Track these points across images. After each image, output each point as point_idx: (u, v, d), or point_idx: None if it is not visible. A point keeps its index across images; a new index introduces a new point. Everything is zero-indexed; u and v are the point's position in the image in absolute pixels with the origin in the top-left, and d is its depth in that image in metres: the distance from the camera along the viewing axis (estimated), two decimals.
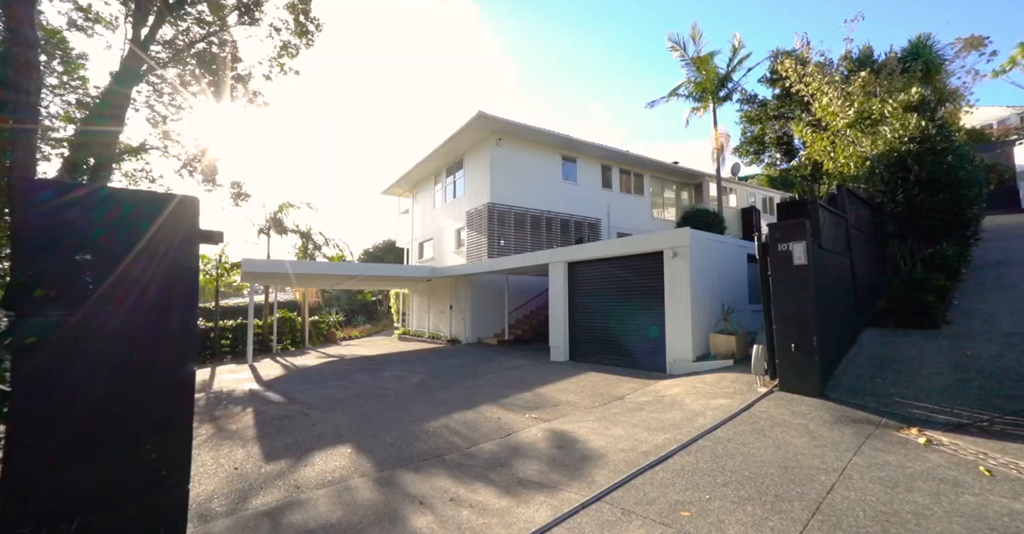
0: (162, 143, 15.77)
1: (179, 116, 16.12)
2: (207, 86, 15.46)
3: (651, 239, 8.39)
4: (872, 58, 12.87)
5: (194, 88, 15.85)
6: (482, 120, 14.40)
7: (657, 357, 8.23)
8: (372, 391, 8.36)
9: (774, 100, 15.06)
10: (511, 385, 8.19)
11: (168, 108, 15.90)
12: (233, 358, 15.00)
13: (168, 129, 16.00)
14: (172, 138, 16.22)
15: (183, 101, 16.07)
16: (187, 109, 16.08)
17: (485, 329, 15.83)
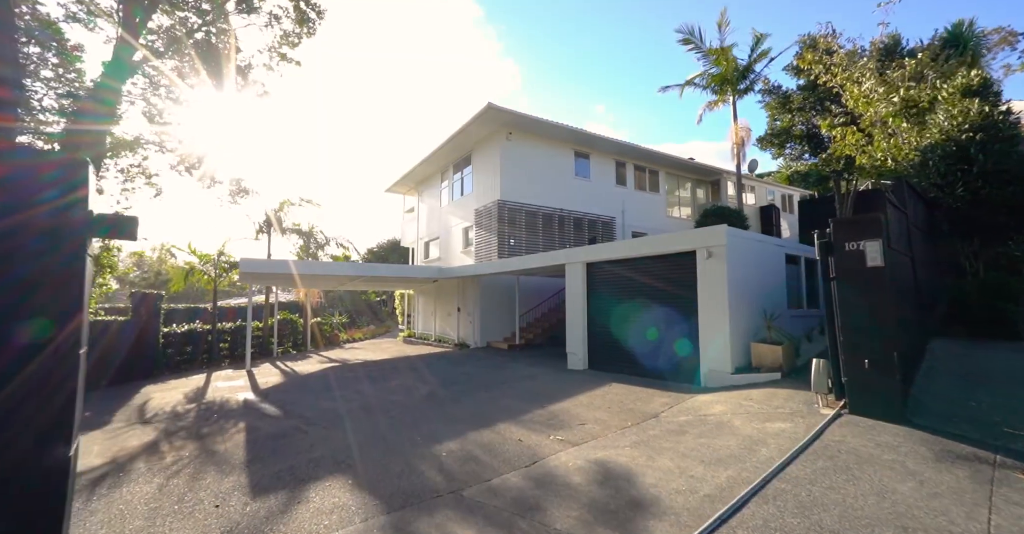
0: (158, 137, 15.16)
1: (177, 110, 15.50)
2: (206, 77, 14.80)
3: (682, 238, 7.64)
4: (900, 46, 12.06)
5: (192, 80, 15.20)
6: (492, 113, 13.67)
7: (689, 368, 7.48)
8: (377, 403, 7.66)
9: (799, 91, 14.26)
10: (529, 398, 7.47)
11: (165, 101, 15.28)
12: (232, 362, 14.36)
13: (166, 122, 15.39)
14: (169, 132, 15.61)
15: (181, 94, 15.43)
16: (185, 103, 15.45)
17: (495, 332, 15.12)
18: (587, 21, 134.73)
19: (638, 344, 8.54)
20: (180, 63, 14.91)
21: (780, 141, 15.31)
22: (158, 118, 15.12)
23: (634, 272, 8.67)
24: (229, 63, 15.14)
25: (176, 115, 15.33)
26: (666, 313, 8.01)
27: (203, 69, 14.54)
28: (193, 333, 14.09)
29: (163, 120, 15.15)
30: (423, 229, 20.76)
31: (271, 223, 17.74)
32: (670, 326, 7.93)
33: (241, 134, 29.81)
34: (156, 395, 9.35)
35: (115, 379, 11.08)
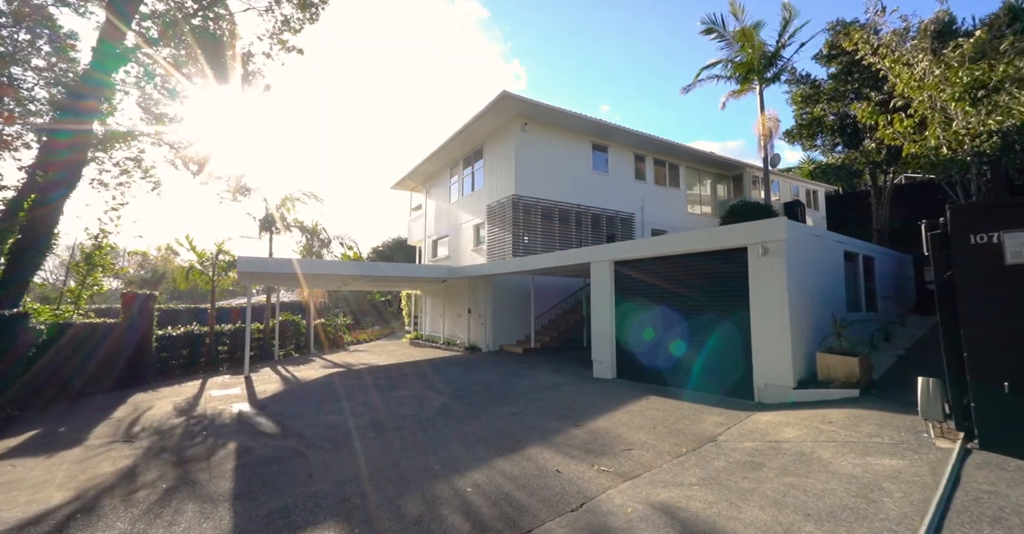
0: (154, 129, 14.40)
1: (173, 101, 14.72)
2: (204, 65, 14.00)
3: (731, 232, 6.73)
4: (955, 25, 11.10)
5: (189, 70, 14.42)
6: (507, 101, 12.80)
7: (739, 380, 6.58)
8: (386, 418, 6.82)
9: (831, 79, 13.29)
10: (558, 414, 6.60)
11: (161, 91, 14.51)
12: (230, 366, 13.58)
13: (162, 113, 14.63)
14: (166, 124, 14.85)
15: (177, 84, 14.65)
16: (182, 94, 14.67)
17: (507, 335, 14.26)
18: (592, 20, 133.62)
19: (676, 352, 7.65)
20: (177, 52, 14.15)
21: (810, 133, 14.35)
22: (154, 109, 14.38)
23: (671, 271, 7.77)
24: (227, 51, 14.36)
25: (173, 107, 14.58)
26: (709, 317, 7.12)
27: (200, 57, 13.77)
28: (190, 335, 13.31)
29: (159, 111, 14.41)
30: (431, 227, 19.93)
31: (273, 221, 16.96)
32: (714, 332, 7.03)
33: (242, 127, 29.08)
34: (144, 405, 8.55)
35: (102, 387, 10.30)
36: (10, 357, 8.45)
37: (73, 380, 9.80)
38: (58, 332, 9.75)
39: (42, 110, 13.41)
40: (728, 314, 6.84)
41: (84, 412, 8.31)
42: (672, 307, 7.77)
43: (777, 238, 6.01)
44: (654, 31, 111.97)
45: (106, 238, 12.68)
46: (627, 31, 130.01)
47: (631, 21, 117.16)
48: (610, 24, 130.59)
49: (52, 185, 9.82)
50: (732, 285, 6.77)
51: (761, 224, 6.35)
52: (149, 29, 13.80)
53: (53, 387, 9.50)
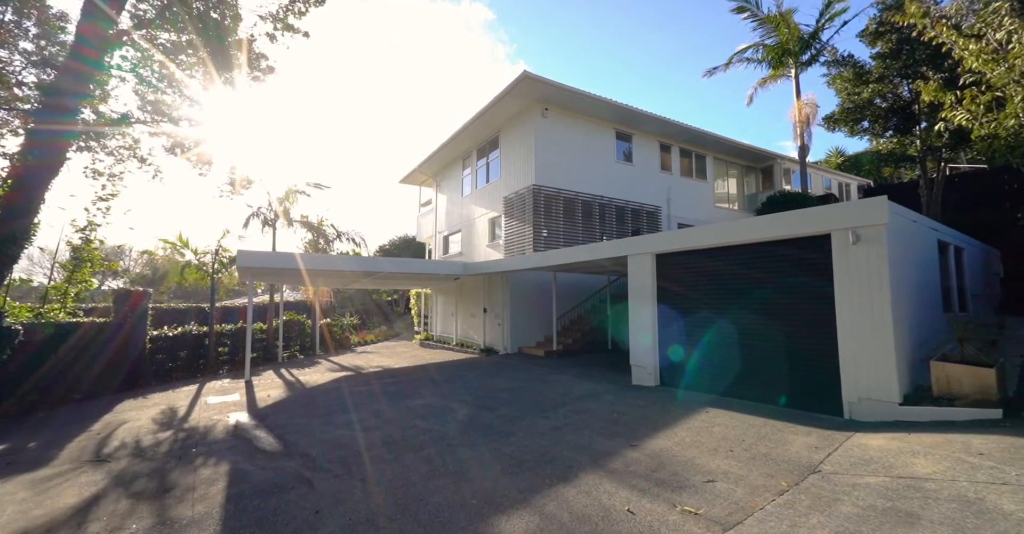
0: (150, 116, 13.53)
1: (172, 87, 13.83)
2: (202, 48, 13.11)
3: (808, 217, 5.71)
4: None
5: (187, 54, 13.53)
6: (527, 83, 11.83)
7: (819, 392, 5.57)
8: (403, 433, 5.86)
9: (879, 59, 12.25)
10: (606, 430, 5.62)
11: (156, 75, 13.63)
12: (231, 369, 12.69)
13: (160, 100, 13.74)
14: (162, 111, 13.97)
15: (175, 69, 13.75)
16: (181, 79, 13.79)
17: (526, 337, 13.29)
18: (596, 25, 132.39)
19: (733, 357, 6.64)
20: (177, 37, 13.28)
21: (855, 118, 13.29)
22: (151, 95, 13.51)
23: (727, 264, 6.76)
24: (229, 35, 13.48)
25: (172, 94, 13.73)
26: (777, 317, 6.11)
27: (200, 41, 12.89)
28: (188, 336, 12.44)
29: (157, 98, 13.54)
30: (442, 222, 18.98)
31: (277, 215, 16.07)
32: (783, 335, 6.02)
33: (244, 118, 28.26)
34: (129, 415, 7.64)
35: (89, 392, 9.42)
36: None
37: (56, 385, 8.92)
38: (38, 332, 8.87)
39: (30, 95, 12.57)
40: (802, 314, 5.83)
41: (62, 422, 7.41)
42: (728, 305, 6.77)
43: (875, 222, 4.99)
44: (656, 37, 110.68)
45: (94, 231, 11.81)
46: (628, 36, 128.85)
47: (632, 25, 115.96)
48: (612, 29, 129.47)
49: (31, 170, 8.94)
50: (808, 279, 5.76)
51: (852, 206, 5.32)
52: (147, 13, 12.95)
53: (33, 393, 8.63)
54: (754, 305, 6.40)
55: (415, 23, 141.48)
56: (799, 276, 5.87)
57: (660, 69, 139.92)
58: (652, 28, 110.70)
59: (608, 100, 13.09)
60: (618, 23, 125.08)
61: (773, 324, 6.17)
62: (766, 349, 6.25)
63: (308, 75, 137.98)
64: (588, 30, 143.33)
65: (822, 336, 5.56)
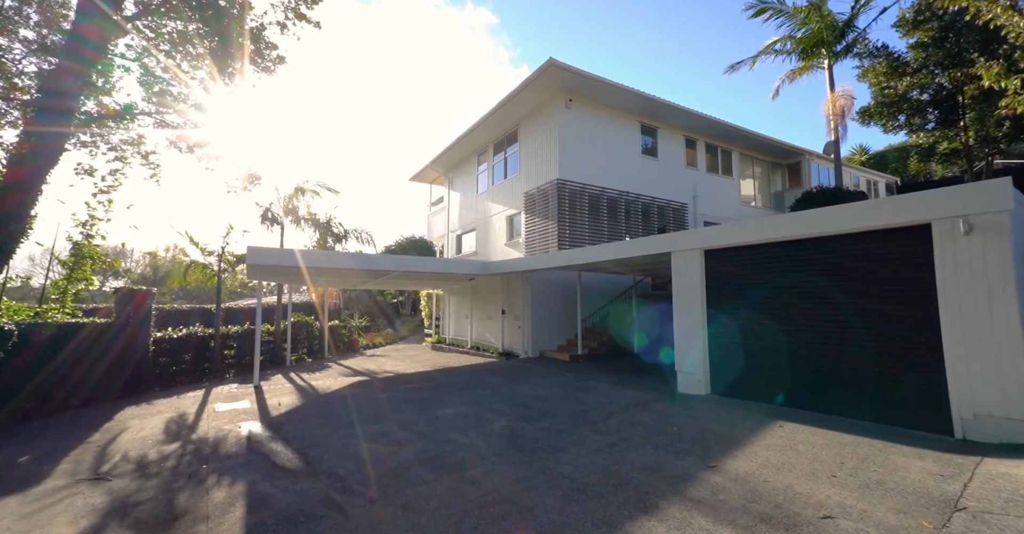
0: (155, 107, 12.94)
1: (176, 77, 13.24)
2: (209, 37, 12.53)
3: (902, 204, 5.00)
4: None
5: (193, 44, 12.94)
6: (553, 72, 11.22)
7: (921, 405, 4.88)
8: (438, 448, 5.21)
9: (919, 48, 11.64)
10: (670, 446, 4.96)
11: (162, 66, 13.06)
12: (237, 373, 12.05)
13: (165, 91, 13.15)
14: (168, 102, 13.38)
15: (181, 59, 13.16)
16: (185, 70, 13.21)
17: (548, 340, 12.63)
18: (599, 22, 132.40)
19: (805, 364, 5.98)
20: (184, 26, 12.72)
21: (892, 111, 12.68)
22: (156, 85, 12.93)
23: (793, 260, 6.11)
24: (237, 25, 12.90)
25: (178, 85, 13.15)
26: (862, 319, 5.43)
27: (206, 29, 12.32)
28: (192, 338, 11.81)
29: (163, 89, 12.96)
30: (454, 221, 18.36)
31: (285, 212, 15.48)
32: (872, 339, 5.34)
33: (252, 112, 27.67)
34: (133, 424, 7.00)
35: (88, 398, 8.77)
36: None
37: (53, 391, 8.28)
38: (35, 334, 8.24)
39: (30, 85, 12.00)
40: (893, 315, 5.16)
41: (59, 432, 6.77)
42: (796, 306, 6.11)
43: (994, 209, 4.33)
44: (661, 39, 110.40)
45: (96, 225, 11.20)
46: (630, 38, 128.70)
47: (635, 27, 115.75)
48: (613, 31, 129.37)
49: (28, 161, 8.34)
50: (901, 275, 5.10)
51: (961, 190, 4.65)
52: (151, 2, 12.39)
53: (29, 400, 7.99)
54: (829, 305, 5.73)
55: (420, 26, 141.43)
56: (889, 272, 5.20)
57: (665, 72, 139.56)
58: (655, 30, 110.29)
59: (635, 90, 12.47)
60: (620, 26, 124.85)
61: (855, 327, 5.50)
62: (845, 355, 5.58)
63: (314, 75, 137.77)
64: (590, 34, 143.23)
65: (921, 341, 4.90)
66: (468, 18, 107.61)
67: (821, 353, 5.81)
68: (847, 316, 5.57)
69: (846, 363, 5.56)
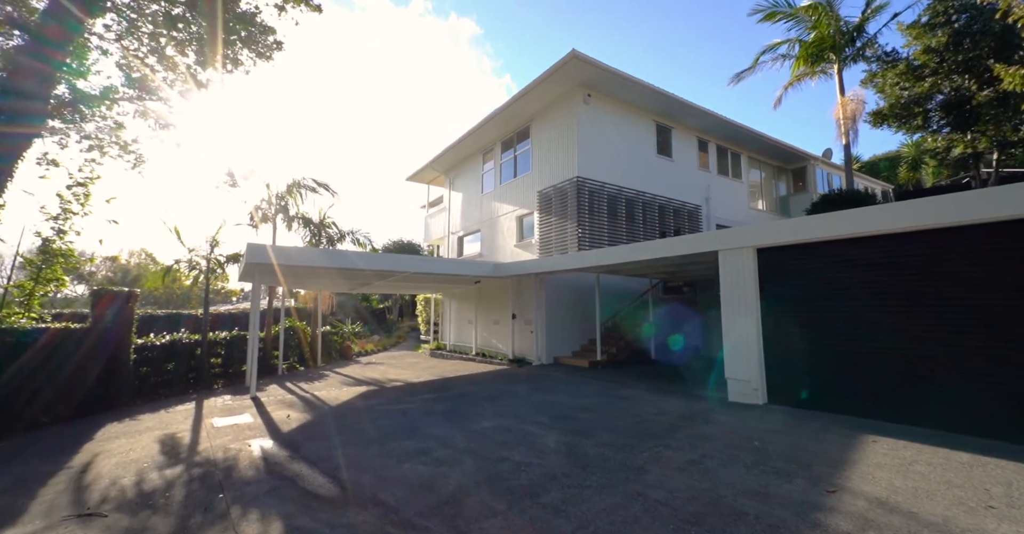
0: (136, 93, 11.89)
1: (163, 62, 12.22)
2: (199, 19, 11.61)
3: None
4: None
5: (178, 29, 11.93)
6: (574, 64, 10.74)
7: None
8: (495, 469, 4.51)
9: (930, 53, 11.70)
10: (763, 465, 4.40)
11: (146, 48, 12.03)
12: (226, 383, 11.04)
13: (148, 76, 12.12)
14: (151, 88, 12.33)
15: (167, 44, 12.14)
16: (174, 55, 12.21)
17: (562, 346, 12.03)
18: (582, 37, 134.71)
19: (886, 372, 5.52)
20: (168, 6, 11.75)
21: (906, 115, 12.70)
22: (138, 71, 11.88)
23: (878, 257, 5.65)
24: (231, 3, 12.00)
25: (163, 71, 12.13)
26: (966, 321, 4.99)
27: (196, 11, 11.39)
28: (176, 345, 10.75)
29: (146, 74, 11.92)
30: (455, 222, 17.64)
31: (278, 210, 14.50)
32: (981, 342, 4.91)
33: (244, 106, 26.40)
34: (119, 444, 6.05)
35: (61, 414, 7.71)
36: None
37: (19, 406, 7.21)
38: None
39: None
40: (1015, 316, 4.69)
41: (29, 455, 5.78)
42: (873, 309, 5.66)
43: None
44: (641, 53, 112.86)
45: (70, 219, 10.09)
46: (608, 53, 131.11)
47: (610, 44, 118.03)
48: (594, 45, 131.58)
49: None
50: None
51: None
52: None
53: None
54: (922, 308, 5.26)
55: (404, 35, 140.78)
56: (1011, 268, 4.72)
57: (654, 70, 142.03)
58: (637, 44, 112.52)
59: (655, 87, 12.11)
60: (601, 39, 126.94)
61: (956, 330, 5.02)
62: (940, 360, 5.12)
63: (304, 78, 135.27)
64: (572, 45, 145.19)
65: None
66: (452, 28, 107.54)
67: (910, 360, 5.34)
68: (947, 319, 5.11)
69: (941, 370, 5.11)
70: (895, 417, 5.39)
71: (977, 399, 4.85)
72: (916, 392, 5.26)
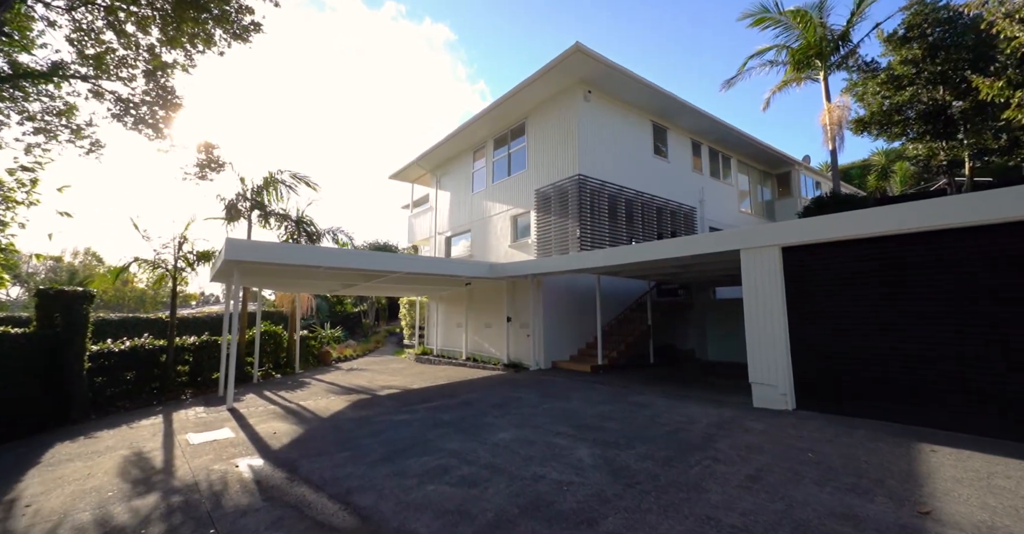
0: (91, 70, 10.71)
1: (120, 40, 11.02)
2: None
3: None
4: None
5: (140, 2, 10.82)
6: (577, 58, 10.38)
7: None
8: (533, 490, 3.97)
9: (907, 64, 12.06)
10: (831, 480, 4.03)
11: (99, 23, 10.84)
12: (195, 393, 10.01)
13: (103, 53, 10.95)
14: (109, 69, 11.17)
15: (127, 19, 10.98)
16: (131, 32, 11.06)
17: (560, 350, 11.58)
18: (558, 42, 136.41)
19: (929, 377, 5.30)
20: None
21: (887, 123, 13.05)
22: (93, 48, 10.69)
23: (925, 256, 5.42)
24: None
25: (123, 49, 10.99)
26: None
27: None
28: (138, 352, 9.66)
29: (102, 51, 10.75)
30: (442, 222, 16.97)
31: (253, 206, 13.48)
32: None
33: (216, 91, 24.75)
34: (72, 469, 5.15)
35: (3, 432, 6.63)
36: None
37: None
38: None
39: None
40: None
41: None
42: (916, 309, 5.45)
43: None
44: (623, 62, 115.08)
45: (13, 211, 8.93)
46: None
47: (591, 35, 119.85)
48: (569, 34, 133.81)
49: None
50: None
51: None
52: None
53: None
54: (977, 308, 5.04)
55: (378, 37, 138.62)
56: None
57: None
58: (613, 54, 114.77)
59: (655, 86, 11.91)
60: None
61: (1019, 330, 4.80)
62: (998, 365, 4.88)
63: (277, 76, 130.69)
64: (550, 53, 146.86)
65: None
66: (426, 33, 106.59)
67: (956, 364, 5.12)
68: (1000, 321, 4.88)
69: (991, 375, 4.90)
70: (938, 423, 5.16)
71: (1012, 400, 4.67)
72: (964, 398, 5.05)
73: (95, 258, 48.29)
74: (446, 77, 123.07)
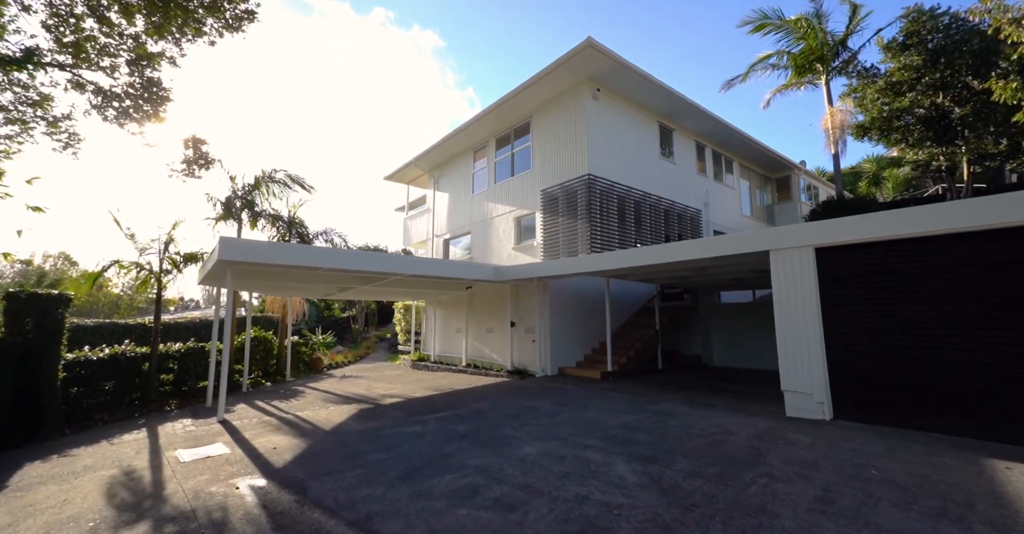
0: (70, 58, 10.03)
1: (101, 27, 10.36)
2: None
3: None
4: None
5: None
6: (587, 54, 10.07)
7: None
8: (578, 514, 3.54)
9: (906, 70, 12.12)
10: (911, 504, 3.68)
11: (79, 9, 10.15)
12: (181, 404, 9.33)
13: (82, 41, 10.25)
14: (89, 58, 10.48)
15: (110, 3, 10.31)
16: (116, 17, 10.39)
17: (566, 356, 11.18)
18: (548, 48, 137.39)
19: (981, 385, 5.02)
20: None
21: (887, 128, 13.08)
22: (72, 35, 10.01)
23: (977, 257, 5.14)
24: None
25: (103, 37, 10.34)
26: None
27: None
28: (118, 360, 8.96)
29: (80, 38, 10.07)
30: (440, 224, 16.48)
31: (244, 206, 12.84)
32: None
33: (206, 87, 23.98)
34: (45, 493, 4.55)
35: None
36: None
37: None
38: None
39: None
40: None
41: None
42: (965, 314, 5.17)
43: None
44: None
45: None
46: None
47: None
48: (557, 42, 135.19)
49: None
50: None
51: None
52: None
53: None
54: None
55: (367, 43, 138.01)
56: None
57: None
58: None
59: (665, 86, 11.69)
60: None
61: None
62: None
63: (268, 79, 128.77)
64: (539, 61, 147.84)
65: None
66: (415, 39, 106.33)
67: (1014, 371, 4.86)
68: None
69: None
70: (992, 435, 4.88)
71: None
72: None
73: (68, 261, 46.41)
74: (435, 83, 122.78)
